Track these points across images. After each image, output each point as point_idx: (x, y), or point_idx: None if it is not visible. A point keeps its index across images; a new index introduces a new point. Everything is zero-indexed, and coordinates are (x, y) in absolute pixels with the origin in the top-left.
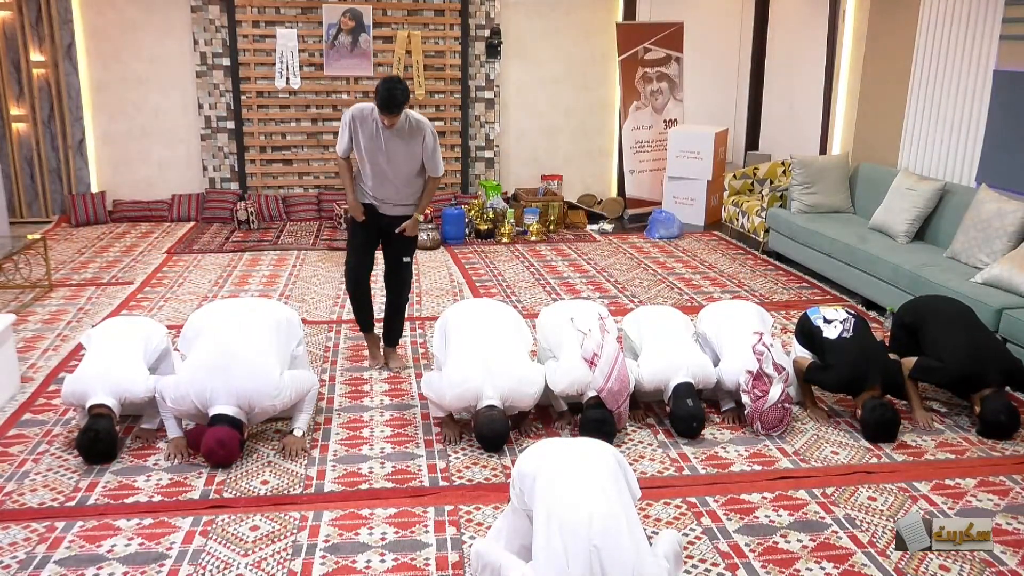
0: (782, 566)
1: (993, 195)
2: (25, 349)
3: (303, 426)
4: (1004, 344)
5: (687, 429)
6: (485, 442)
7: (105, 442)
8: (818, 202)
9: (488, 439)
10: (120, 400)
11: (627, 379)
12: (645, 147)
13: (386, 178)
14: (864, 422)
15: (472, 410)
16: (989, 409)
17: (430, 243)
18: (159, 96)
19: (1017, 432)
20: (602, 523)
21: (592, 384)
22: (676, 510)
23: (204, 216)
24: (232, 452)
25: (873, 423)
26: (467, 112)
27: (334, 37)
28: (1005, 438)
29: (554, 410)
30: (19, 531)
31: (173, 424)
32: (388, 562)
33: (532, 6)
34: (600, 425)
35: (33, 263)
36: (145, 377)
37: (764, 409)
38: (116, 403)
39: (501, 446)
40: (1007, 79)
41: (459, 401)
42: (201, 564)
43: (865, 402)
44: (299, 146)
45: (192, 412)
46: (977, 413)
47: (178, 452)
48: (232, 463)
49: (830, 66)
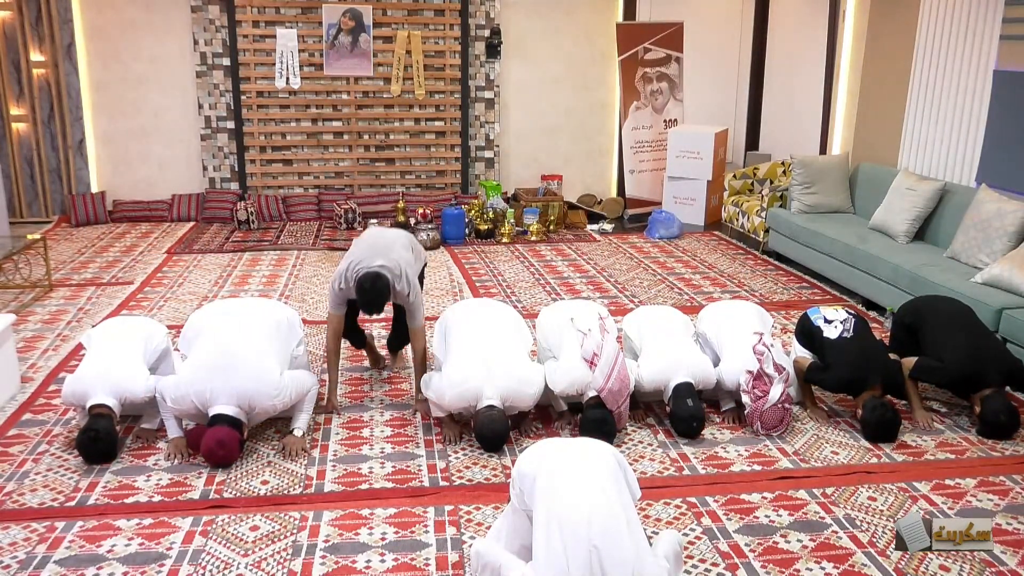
0: (782, 566)
1: (993, 195)
2: (25, 349)
3: (303, 426)
4: (1004, 344)
5: (687, 429)
6: (485, 442)
7: (105, 442)
8: (818, 202)
9: (488, 439)
10: (120, 400)
11: (627, 379)
12: (645, 147)
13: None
14: (865, 422)
15: (472, 410)
16: (989, 409)
17: (430, 243)
18: (159, 96)
19: (1017, 432)
20: (602, 523)
21: (592, 384)
22: (676, 510)
23: (204, 216)
24: (232, 452)
25: (874, 423)
26: (467, 112)
27: (334, 37)
28: (1005, 438)
29: (554, 410)
30: (19, 531)
31: (173, 424)
32: (388, 562)
33: (532, 6)
34: (600, 425)
35: (33, 263)
36: (145, 377)
37: (764, 409)
38: (116, 403)
39: (501, 446)
40: (1007, 79)
41: (459, 401)
42: (201, 564)
43: (866, 402)
44: (299, 146)
45: (192, 412)
46: (977, 413)
47: (178, 452)
48: (232, 463)
49: (830, 66)
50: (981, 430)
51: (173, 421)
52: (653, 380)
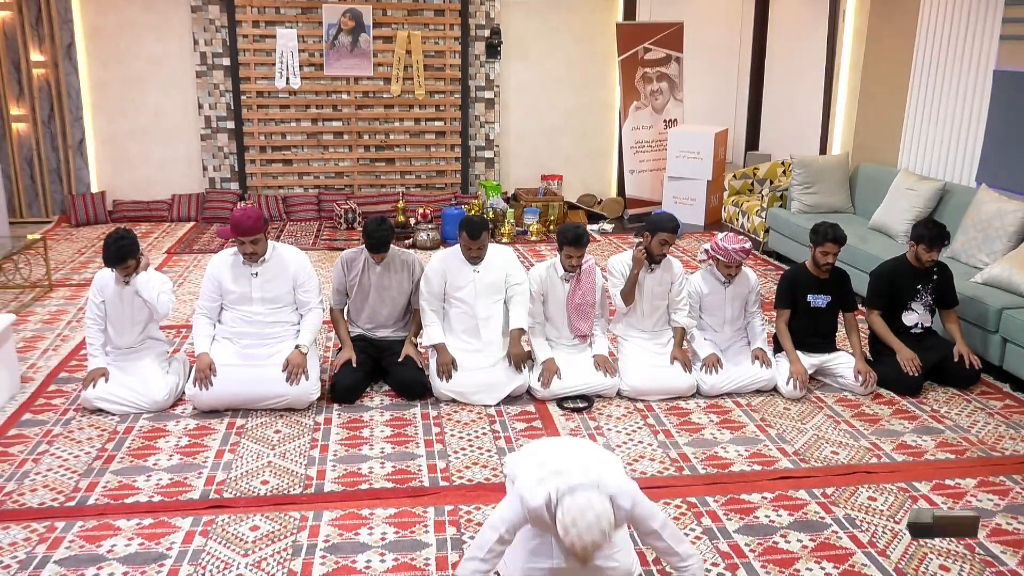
0: (782, 566)
1: (993, 195)
2: (25, 349)
3: (307, 343)
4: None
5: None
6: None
7: (128, 239)
8: (818, 202)
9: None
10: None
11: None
12: (645, 147)
13: (378, 312)
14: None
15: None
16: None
17: (430, 243)
18: (159, 96)
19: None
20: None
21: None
22: (676, 510)
23: (204, 216)
24: (257, 211)
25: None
26: (467, 112)
27: (334, 37)
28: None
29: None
30: (19, 531)
31: (204, 340)
32: (388, 562)
33: (532, 6)
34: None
35: (33, 263)
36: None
37: (720, 243)
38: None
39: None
40: (1007, 79)
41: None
42: (201, 564)
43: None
44: (299, 146)
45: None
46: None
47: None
48: (258, 223)
49: (830, 66)
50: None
51: (203, 330)
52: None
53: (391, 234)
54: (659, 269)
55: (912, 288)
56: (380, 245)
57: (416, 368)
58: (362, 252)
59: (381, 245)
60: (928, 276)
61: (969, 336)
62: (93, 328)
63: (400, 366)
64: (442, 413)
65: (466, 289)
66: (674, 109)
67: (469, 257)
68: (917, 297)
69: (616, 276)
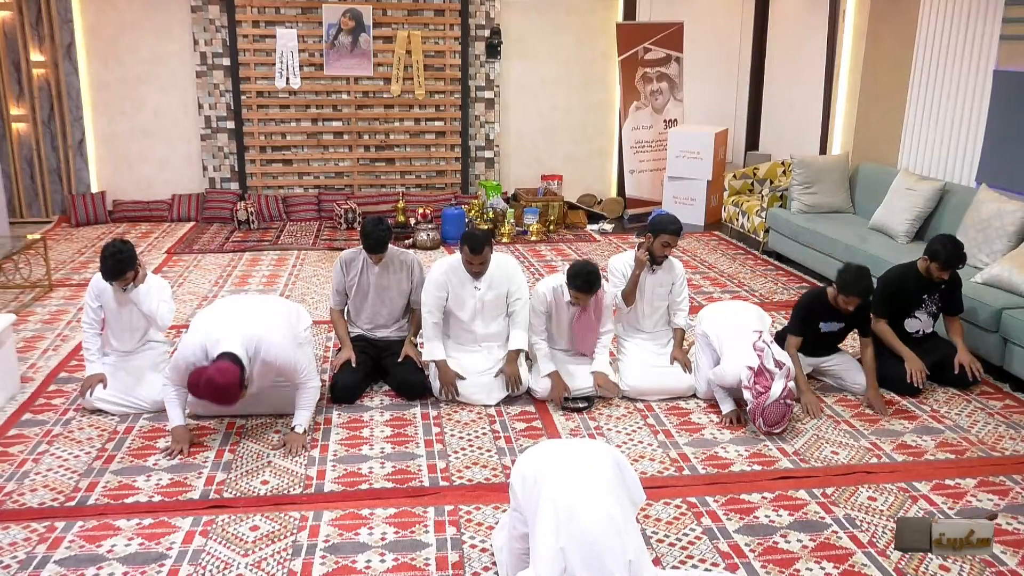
0: (782, 566)
1: (993, 195)
2: (25, 349)
3: (304, 423)
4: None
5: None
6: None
7: (125, 252)
8: (818, 202)
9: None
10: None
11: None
12: (645, 147)
13: (377, 312)
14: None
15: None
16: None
17: (430, 243)
18: (159, 96)
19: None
20: (601, 525)
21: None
22: (676, 510)
23: (204, 216)
24: (232, 381)
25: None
26: (467, 112)
27: (334, 37)
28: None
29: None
30: (19, 531)
31: (176, 407)
32: (388, 562)
33: (532, 6)
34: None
35: (33, 263)
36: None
37: (766, 405)
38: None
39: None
40: (1007, 79)
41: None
42: (201, 564)
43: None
44: (299, 146)
45: (196, 360)
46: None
47: (179, 445)
48: (233, 396)
49: (830, 66)
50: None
51: (175, 400)
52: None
53: (388, 234)
54: (660, 270)
55: (918, 298)
56: (377, 246)
57: (416, 368)
58: (361, 252)
59: (379, 246)
60: (936, 287)
61: (969, 336)
62: (89, 333)
63: (400, 366)
64: (442, 413)
65: (468, 309)
66: (674, 109)
67: (471, 271)
68: (922, 306)
69: (617, 276)
